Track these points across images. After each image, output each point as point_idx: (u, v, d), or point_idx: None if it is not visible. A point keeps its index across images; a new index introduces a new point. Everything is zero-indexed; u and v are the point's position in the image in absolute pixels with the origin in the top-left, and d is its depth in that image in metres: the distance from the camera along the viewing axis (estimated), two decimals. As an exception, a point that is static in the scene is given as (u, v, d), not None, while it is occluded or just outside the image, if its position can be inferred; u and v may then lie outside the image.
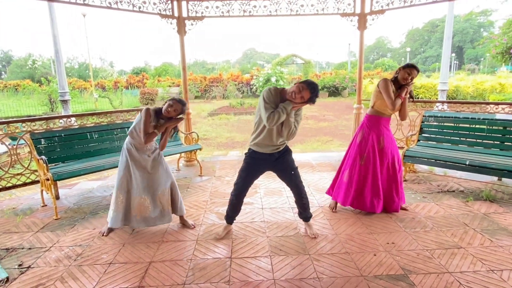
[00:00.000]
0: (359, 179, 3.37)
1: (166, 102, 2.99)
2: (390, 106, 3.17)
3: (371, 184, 3.34)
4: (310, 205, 3.71)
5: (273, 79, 21.91)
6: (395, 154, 3.39)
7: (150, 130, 2.97)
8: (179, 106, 2.98)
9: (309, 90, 2.57)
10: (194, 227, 3.30)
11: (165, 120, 3.03)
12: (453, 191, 4.13)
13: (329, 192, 3.71)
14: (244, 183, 2.97)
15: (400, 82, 3.24)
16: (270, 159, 2.88)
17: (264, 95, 2.64)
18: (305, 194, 3.07)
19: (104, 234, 3.18)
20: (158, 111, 3.02)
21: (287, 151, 2.95)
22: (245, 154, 2.98)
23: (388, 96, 3.17)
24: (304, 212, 3.13)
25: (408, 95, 3.29)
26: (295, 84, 2.62)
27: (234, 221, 3.30)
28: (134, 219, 3.10)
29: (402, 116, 3.37)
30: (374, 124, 3.35)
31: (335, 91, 22.99)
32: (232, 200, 3.04)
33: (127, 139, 3.09)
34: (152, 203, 3.11)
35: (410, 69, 3.17)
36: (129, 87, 25.27)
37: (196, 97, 24.13)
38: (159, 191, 3.11)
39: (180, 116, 3.07)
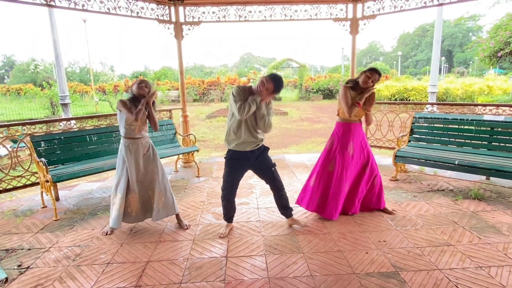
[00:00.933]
0: (326, 185, 3.30)
1: (133, 84, 3.05)
2: (346, 114, 3.17)
3: (334, 190, 3.26)
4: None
5: (269, 82, 21.90)
6: (369, 160, 3.32)
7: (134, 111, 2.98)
8: (147, 83, 3.03)
9: (273, 82, 2.68)
10: (187, 228, 3.25)
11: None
12: (443, 190, 4.13)
13: (298, 200, 3.53)
14: (231, 188, 3.00)
15: (362, 86, 3.15)
16: (251, 158, 2.89)
17: (233, 91, 2.74)
18: (284, 188, 3.11)
19: (108, 232, 3.17)
20: (131, 99, 3.04)
21: (265, 149, 3.00)
22: (225, 157, 2.96)
23: (345, 104, 3.15)
24: (286, 205, 3.15)
25: (368, 100, 3.18)
26: (260, 78, 2.71)
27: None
28: (130, 215, 3.11)
29: (367, 122, 3.32)
30: (343, 131, 3.27)
31: (329, 94, 23.06)
32: (225, 205, 3.08)
33: (121, 139, 3.09)
34: (145, 201, 3.12)
35: (371, 72, 3.11)
36: (129, 91, 25.18)
37: (194, 100, 24.12)
38: (151, 189, 3.11)
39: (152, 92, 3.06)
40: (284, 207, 3.18)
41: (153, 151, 3.16)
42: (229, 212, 3.13)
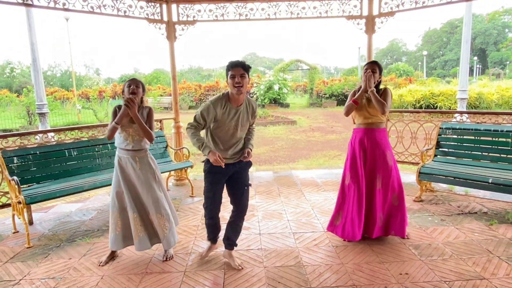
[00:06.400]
0: (342, 200, 3.45)
1: (123, 88, 3.07)
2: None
3: (349, 206, 3.36)
4: (313, 230, 3.76)
5: (276, 87, 22.10)
6: (389, 174, 3.32)
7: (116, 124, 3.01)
8: (136, 82, 3.04)
9: (236, 67, 2.74)
10: (167, 260, 3.21)
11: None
12: (475, 212, 4.09)
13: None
14: (214, 203, 3.05)
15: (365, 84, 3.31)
16: (231, 169, 2.96)
17: (200, 110, 2.84)
18: (243, 216, 3.12)
19: (101, 264, 3.16)
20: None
21: (248, 164, 3.06)
22: (204, 170, 3.02)
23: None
24: (234, 237, 3.12)
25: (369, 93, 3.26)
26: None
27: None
28: (133, 239, 3.10)
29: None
30: (355, 138, 3.44)
31: (344, 100, 23.06)
32: (209, 223, 3.14)
33: (116, 151, 3.16)
34: (146, 224, 3.12)
35: (366, 66, 3.36)
36: (116, 97, 25.50)
37: (190, 107, 24.31)
38: (151, 213, 3.11)
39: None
40: (231, 234, 3.11)
41: (149, 168, 3.14)
42: (213, 232, 3.18)
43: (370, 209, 3.37)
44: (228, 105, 2.83)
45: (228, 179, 3.04)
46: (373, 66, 3.31)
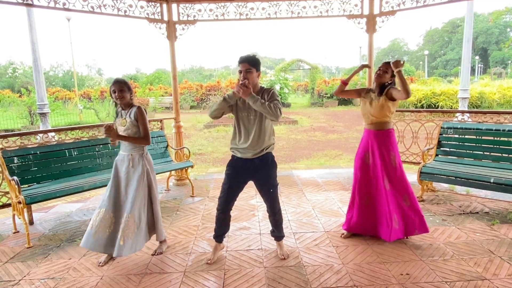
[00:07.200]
0: (351, 193, 3.61)
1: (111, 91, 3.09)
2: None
3: (353, 200, 3.51)
4: (313, 230, 3.73)
5: (277, 87, 22.06)
6: (395, 174, 3.29)
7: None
8: (120, 85, 3.04)
9: (242, 62, 2.81)
10: (157, 254, 3.28)
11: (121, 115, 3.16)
12: (477, 212, 4.06)
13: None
14: (227, 197, 3.04)
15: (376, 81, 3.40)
16: (250, 167, 2.95)
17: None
18: (279, 212, 3.17)
19: (101, 264, 3.14)
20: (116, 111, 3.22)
21: (272, 164, 3.03)
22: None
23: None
24: (276, 231, 3.23)
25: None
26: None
27: (228, 250, 3.33)
28: (94, 235, 3.02)
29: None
30: (364, 137, 3.51)
31: (345, 100, 23.07)
32: (219, 217, 3.11)
33: None
34: (109, 226, 3.04)
35: (380, 66, 3.39)
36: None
37: (191, 107, 24.33)
38: (125, 214, 3.03)
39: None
40: (273, 229, 3.27)
41: (139, 167, 3.08)
42: (219, 228, 3.14)
43: (382, 210, 3.34)
44: None
45: (254, 180, 3.07)
46: (386, 66, 3.30)
